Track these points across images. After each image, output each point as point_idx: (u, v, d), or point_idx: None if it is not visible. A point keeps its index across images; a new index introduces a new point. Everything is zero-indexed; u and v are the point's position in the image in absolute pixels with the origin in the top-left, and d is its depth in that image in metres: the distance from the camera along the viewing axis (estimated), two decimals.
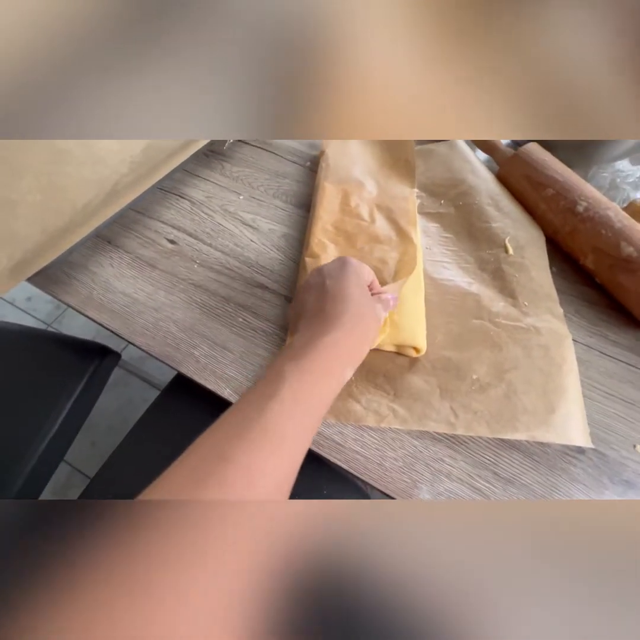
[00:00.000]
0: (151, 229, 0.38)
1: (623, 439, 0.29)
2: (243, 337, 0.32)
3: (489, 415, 0.28)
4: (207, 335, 0.31)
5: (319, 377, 0.19)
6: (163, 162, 0.40)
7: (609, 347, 0.33)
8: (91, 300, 0.33)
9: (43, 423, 0.48)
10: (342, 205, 0.38)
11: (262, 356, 0.31)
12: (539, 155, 0.39)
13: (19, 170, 0.39)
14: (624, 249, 0.32)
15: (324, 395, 0.19)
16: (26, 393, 0.51)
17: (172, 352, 0.31)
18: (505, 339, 0.31)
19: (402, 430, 0.28)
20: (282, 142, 0.46)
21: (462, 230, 0.38)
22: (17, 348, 0.56)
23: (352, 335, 0.22)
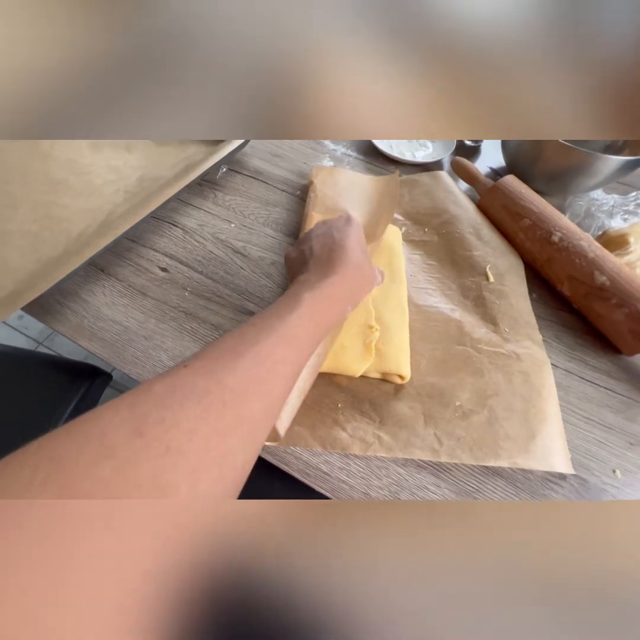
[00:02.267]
0: (144, 257, 0.39)
1: (603, 464, 0.29)
2: None
3: (472, 442, 0.29)
4: None
5: (329, 305, 0.24)
6: (157, 192, 0.42)
7: (587, 372, 0.34)
8: (82, 329, 0.34)
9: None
10: None
11: None
12: (516, 187, 0.41)
13: (16, 200, 0.40)
14: (598, 278, 0.34)
15: (330, 320, 0.24)
16: (16, 415, 0.51)
17: None
18: (487, 365, 0.32)
19: (388, 458, 0.28)
20: (273, 172, 0.48)
21: (445, 257, 0.40)
22: (7, 370, 0.56)
23: (354, 279, 0.27)
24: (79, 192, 0.42)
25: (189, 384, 0.15)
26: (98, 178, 0.44)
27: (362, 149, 0.52)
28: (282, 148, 0.51)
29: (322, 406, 0.30)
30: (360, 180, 0.46)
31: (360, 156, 0.52)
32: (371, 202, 0.43)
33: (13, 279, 0.33)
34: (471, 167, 0.45)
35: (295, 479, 0.27)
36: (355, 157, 0.52)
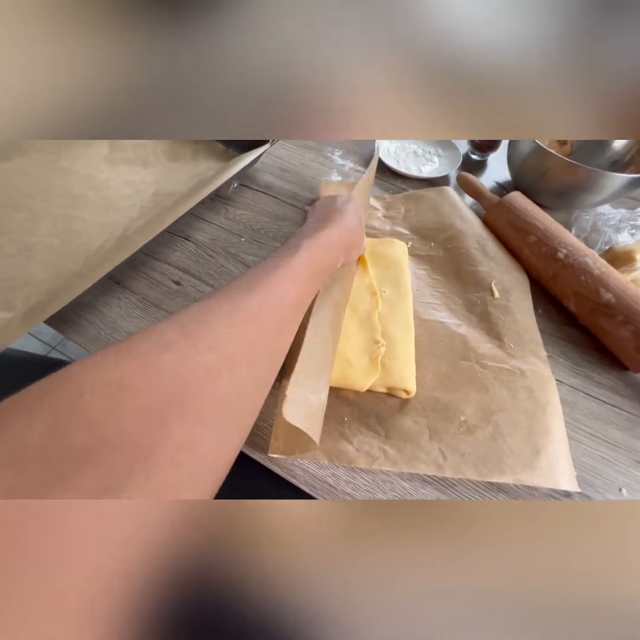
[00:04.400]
0: (157, 271, 0.40)
1: (609, 482, 0.29)
2: None
3: (476, 458, 0.29)
4: None
5: (324, 251, 0.28)
6: (172, 208, 0.43)
7: (593, 388, 0.34)
8: (99, 340, 0.35)
9: None
10: None
11: None
12: (521, 203, 0.41)
13: (38, 215, 0.42)
14: (603, 295, 0.34)
15: (325, 265, 0.28)
16: None
17: None
18: (492, 381, 0.32)
19: (393, 472, 0.29)
20: (283, 187, 0.50)
21: (450, 272, 0.40)
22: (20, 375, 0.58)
23: (346, 237, 0.31)
24: (97, 207, 0.44)
25: (216, 307, 0.18)
26: (115, 193, 0.45)
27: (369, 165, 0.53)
28: (291, 163, 0.53)
29: (329, 419, 0.31)
30: (364, 196, 0.47)
31: None
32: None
33: (37, 292, 0.34)
34: (477, 183, 0.46)
35: (302, 491, 0.28)
36: (363, 172, 0.53)
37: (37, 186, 0.46)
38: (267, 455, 0.29)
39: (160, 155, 0.53)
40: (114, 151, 0.52)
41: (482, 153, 0.55)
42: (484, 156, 0.56)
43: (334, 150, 0.55)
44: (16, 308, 0.33)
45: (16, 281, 0.35)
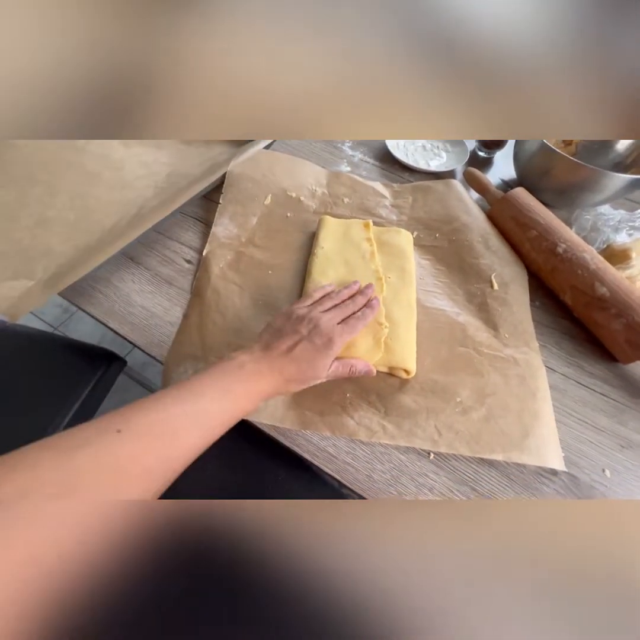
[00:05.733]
0: (170, 249, 0.42)
1: (594, 464, 0.31)
2: None
3: (469, 436, 0.31)
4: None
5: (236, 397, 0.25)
6: (185, 189, 0.44)
7: (584, 377, 0.36)
8: (113, 312, 0.36)
9: (48, 424, 0.50)
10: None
11: None
12: (524, 199, 0.43)
13: (55, 190, 0.43)
14: (598, 289, 0.36)
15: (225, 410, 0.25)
16: (35, 394, 0.53)
17: None
18: (487, 367, 0.34)
19: (391, 445, 0.31)
20: None
21: (453, 263, 0.42)
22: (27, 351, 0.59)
23: (284, 380, 0.28)
24: (112, 186, 0.45)
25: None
26: (130, 173, 0.46)
27: (379, 156, 0.55)
28: (301, 151, 0.54)
29: (332, 395, 0.32)
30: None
31: (377, 163, 0.54)
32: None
33: (55, 263, 0.35)
34: (483, 178, 0.47)
35: (300, 468, 0.30)
36: (372, 163, 0.54)
37: (53, 163, 0.47)
38: (272, 425, 0.30)
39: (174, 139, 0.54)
40: None
41: (489, 150, 0.56)
42: (491, 153, 0.57)
43: (344, 140, 0.56)
44: (36, 277, 0.34)
45: (35, 252, 0.36)
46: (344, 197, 0.48)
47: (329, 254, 0.40)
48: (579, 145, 0.52)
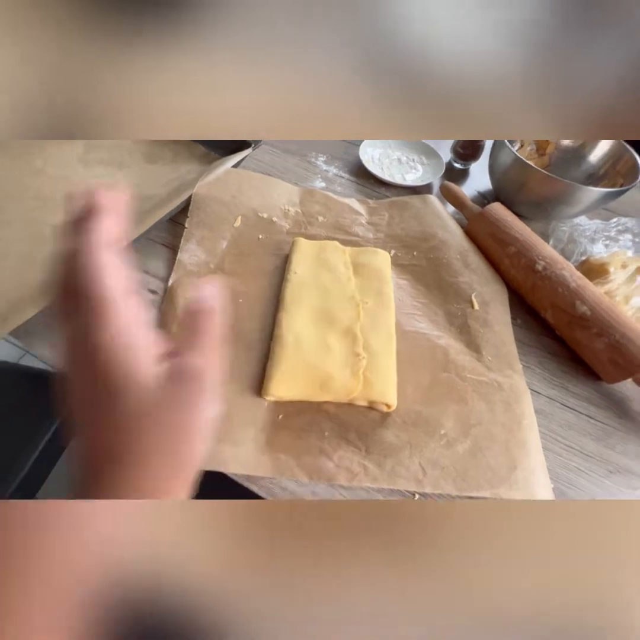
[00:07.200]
0: None
1: (583, 493, 0.30)
2: None
3: (455, 473, 0.29)
4: None
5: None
6: (150, 212, 0.42)
7: (569, 399, 0.35)
8: None
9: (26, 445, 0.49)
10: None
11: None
12: (501, 214, 0.42)
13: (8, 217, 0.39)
14: (579, 308, 0.35)
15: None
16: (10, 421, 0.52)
17: None
18: (471, 393, 0.33)
19: (373, 488, 0.29)
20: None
21: (432, 283, 0.40)
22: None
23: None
24: None
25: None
26: None
27: (354, 171, 0.53)
28: (275, 167, 0.52)
29: (310, 435, 0.30)
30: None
31: (352, 177, 0.52)
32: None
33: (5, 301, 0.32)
34: (459, 193, 0.46)
35: None
36: (347, 178, 0.52)
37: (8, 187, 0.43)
38: (244, 475, 0.28)
39: (138, 157, 0.51)
40: (89, 151, 0.50)
41: (465, 162, 0.56)
42: (466, 165, 0.56)
43: (317, 155, 0.54)
44: None
45: None
46: (319, 215, 0.46)
47: (302, 278, 0.38)
48: (552, 156, 0.52)
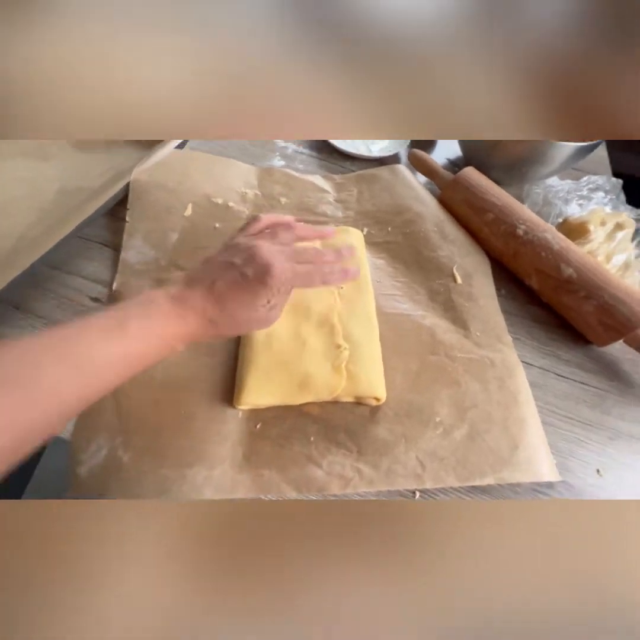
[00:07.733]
0: (69, 287, 0.33)
1: (586, 464, 0.29)
2: None
3: (455, 462, 0.27)
4: None
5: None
6: (80, 206, 0.36)
7: (561, 367, 0.33)
8: None
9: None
10: None
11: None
12: (476, 179, 0.39)
13: None
14: (564, 271, 0.33)
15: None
16: None
17: None
18: (462, 374, 0.30)
19: (371, 492, 0.26)
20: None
21: (410, 259, 0.37)
22: None
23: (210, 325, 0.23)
24: None
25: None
26: (3, 195, 0.37)
27: (315, 146, 0.49)
28: (226, 147, 0.46)
29: (293, 442, 0.27)
30: None
31: (314, 153, 0.48)
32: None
33: None
34: (429, 160, 0.43)
35: None
36: (308, 154, 0.48)
37: None
38: None
39: (66, 146, 0.44)
40: (5, 141, 0.43)
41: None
42: None
43: None
44: None
45: None
46: (281, 196, 0.41)
47: None
48: None
